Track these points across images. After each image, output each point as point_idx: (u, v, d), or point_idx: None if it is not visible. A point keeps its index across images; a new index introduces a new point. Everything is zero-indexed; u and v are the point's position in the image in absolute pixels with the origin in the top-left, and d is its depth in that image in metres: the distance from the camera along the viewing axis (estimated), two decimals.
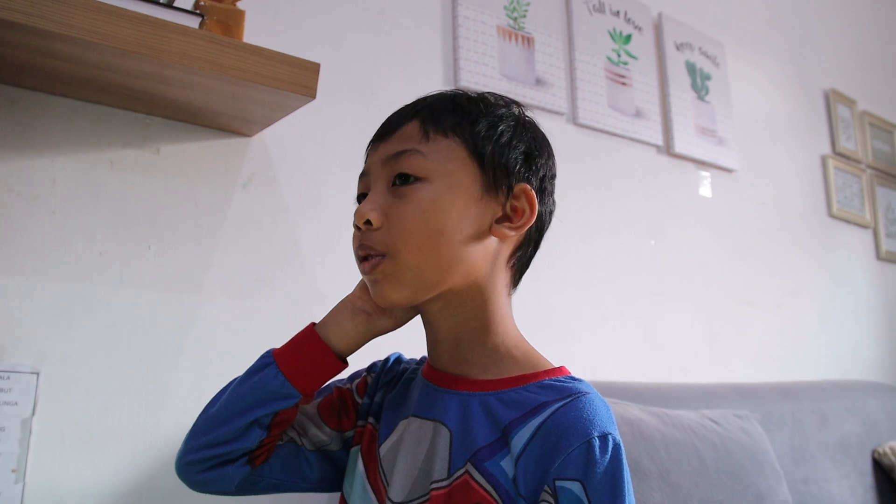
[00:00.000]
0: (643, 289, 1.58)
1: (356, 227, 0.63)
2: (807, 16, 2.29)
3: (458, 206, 0.61)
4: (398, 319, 0.68)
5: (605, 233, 1.52)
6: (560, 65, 1.49)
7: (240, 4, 0.94)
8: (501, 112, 0.66)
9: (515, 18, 1.44)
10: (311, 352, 0.65)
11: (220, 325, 1.00)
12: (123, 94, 0.91)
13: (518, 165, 0.64)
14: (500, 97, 0.68)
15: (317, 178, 1.12)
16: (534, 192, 0.64)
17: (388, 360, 0.75)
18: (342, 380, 0.74)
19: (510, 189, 0.64)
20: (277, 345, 0.68)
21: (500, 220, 0.63)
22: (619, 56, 1.63)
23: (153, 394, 0.93)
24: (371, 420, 0.70)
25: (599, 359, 1.46)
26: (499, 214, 0.63)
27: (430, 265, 0.61)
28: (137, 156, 0.97)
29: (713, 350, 1.70)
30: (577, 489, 0.54)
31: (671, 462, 1.09)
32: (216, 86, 0.87)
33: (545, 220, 0.68)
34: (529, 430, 0.57)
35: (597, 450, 0.54)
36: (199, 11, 0.88)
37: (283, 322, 1.04)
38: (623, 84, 1.62)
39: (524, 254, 0.68)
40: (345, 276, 0.73)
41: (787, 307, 1.94)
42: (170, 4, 0.85)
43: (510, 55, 1.41)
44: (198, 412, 0.69)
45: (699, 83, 1.80)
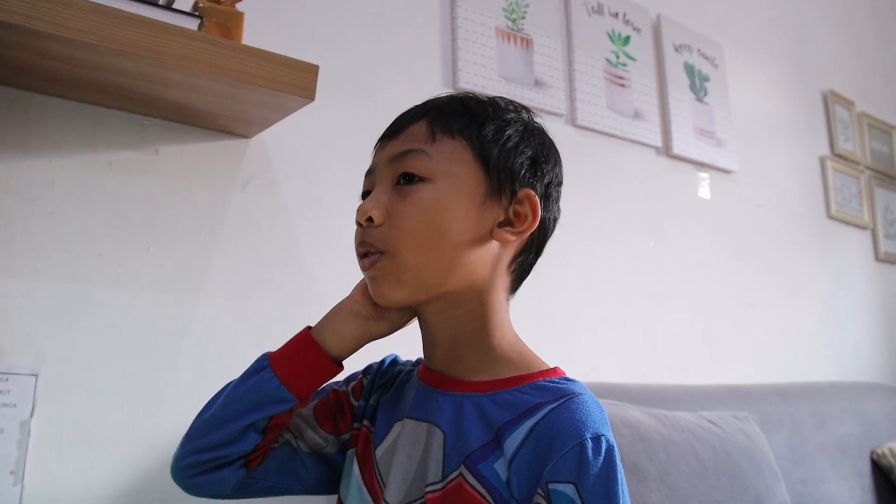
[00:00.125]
0: (643, 290, 1.58)
1: (358, 224, 0.63)
2: (805, 17, 2.29)
3: (461, 208, 0.61)
4: (394, 324, 0.68)
5: (605, 234, 1.53)
6: (559, 66, 1.50)
7: (239, 6, 0.94)
8: (510, 117, 0.66)
9: (514, 20, 1.44)
10: (307, 355, 0.65)
11: (219, 327, 1.00)
12: (122, 96, 0.91)
13: (523, 170, 0.64)
14: (510, 102, 0.68)
15: (316, 180, 1.12)
16: (537, 198, 0.64)
17: (384, 362, 0.75)
18: (338, 382, 0.74)
19: (514, 194, 0.63)
20: (276, 346, 0.68)
21: (503, 225, 0.63)
22: (618, 57, 1.63)
23: (152, 395, 0.93)
24: (366, 422, 0.70)
25: (599, 359, 1.46)
26: (501, 218, 0.63)
27: (430, 266, 0.61)
28: (136, 157, 0.97)
29: (713, 351, 1.70)
30: (571, 491, 0.53)
31: (670, 463, 1.09)
32: (215, 87, 0.87)
33: (548, 227, 0.68)
34: (522, 433, 0.57)
35: (590, 451, 0.54)
36: (198, 13, 0.88)
37: (282, 323, 1.04)
38: (622, 85, 1.62)
39: (525, 259, 0.68)
40: (344, 277, 0.73)
41: (786, 308, 1.94)
42: (169, 6, 0.85)
43: (509, 57, 1.41)
44: (195, 414, 0.69)
45: (698, 84, 1.81)
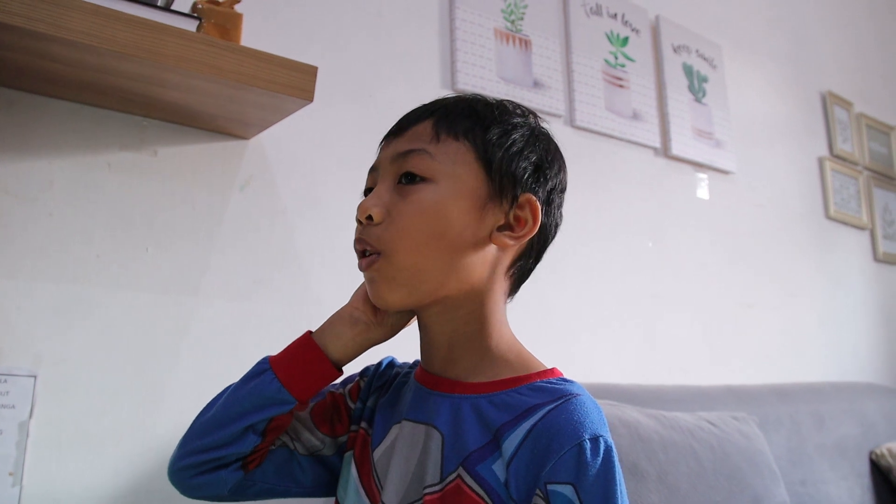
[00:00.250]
0: (642, 290, 1.58)
1: (358, 221, 0.63)
2: (804, 18, 2.30)
3: (460, 211, 0.61)
4: (393, 328, 0.68)
5: (604, 235, 1.53)
6: (557, 67, 1.50)
7: (238, 7, 0.94)
8: (517, 121, 0.66)
9: (513, 21, 1.44)
10: (308, 359, 0.65)
11: (218, 328, 1.00)
12: (121, 97, 0.91)
13: (526, 175, 0.64)
14: (518, 106, 0.68)
15: (314, 181, 1.12)
16: (539, 204, 0.63)
17: (381, 365, 0.75)
18: (335, 385, 0.74)
19: (515, 198, 0.63)
20: (275, 346, 0.68)
21: (502, 229, 0.63)
22: (617, 58, 1.63)
23: (151, 396, 0.94)
24: (364, 425, 0.70)
25: (599, 360, 1.46)
26: (501, 222, 0.63)
27: (427, 267, 0.61)
28: (135, 158, 0.97)
29: (712, 351, 1.70)
30: (569, 492, 0.53)
31: (669, 464, 1.09)
32: (213, 89, 0.87)
33: (549, 233, 0.67)
34: (520, 434, 0.57)
35: (588, 452, 0.54)
36: (197, 14, 0.88)
37: (281, 324, 1.04)
38: (620, 86, 1.62)
39: (525, 264, 0.67)
40: (343, 278, 0.73)
41: (785, 308, 1.94)
42: (167, 7, 0.85)
43: (507, 57, 1.41)
44: (195, 415, 0.69)
45: (696, 85, 1.81)
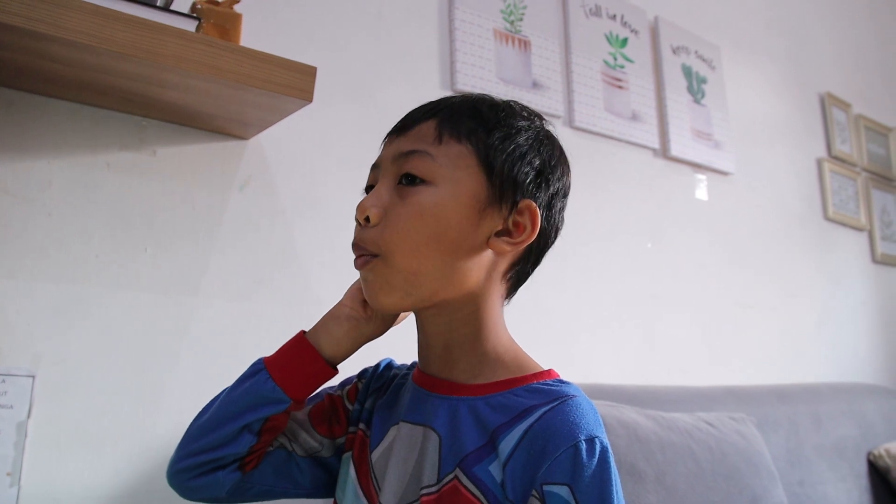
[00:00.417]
0: (641, 291, 1.58)
1: (357, 221, 0.63)
2: (802, 20, 2.30)
3: (459, 215, 0.61)
4: (386, 323, 0.68)
5: (603, 235, 1.53)
6: (556, 68, 1.50)
7: (237, 8, 0.94)
8: (521, 124, 0.65)
9: (512, 22, 1.44)
10: (301, 357, 0.65)
11: (218, 328, 1.00)
12: (120, 97, 0.91)
13: (527, 180, 0.63)
14: (525, 108, 0.67)
15: (314, 181, 1.12)
16: (538, 210, 0.63)
17: (379, 367, 0.75)
18: (333, 387, 0.75)
19: (515, 204, 0.62)
20: (275, 346, 0.68)
21: (500, 234, 0.62)
22: (616, 59, 1.63)
23: (150, 396, 0.93)
24: (362, 426, 0.70)
25: (598, 361, 1.46)
26: (499, 228, 0.62)
27: (423, 271, 0.60)
28: (134, 158, 0.97)
29: (711, 352, 1.70)
30: (566, 493, 0.54)
31: (667, 464, 1.09)
32: (213, 89, 0.87)
33: (549, 237, 0.67)
34: (516, 435, 0.57)
35: (584, 453, 0.54)
36: (196, 15, 0.88)
37: (281, 324, 1.04)
38: (619, 87, 1.62)
39: (522, 269, 0.67)
40: (343, 278, 0.73)
41: (784, 309, 1.94)
42: (166, 8, 0.85)
43: (507, 58, 1.41)
44: (194, 415, 0.69)
45: (695, 86, 1.81)
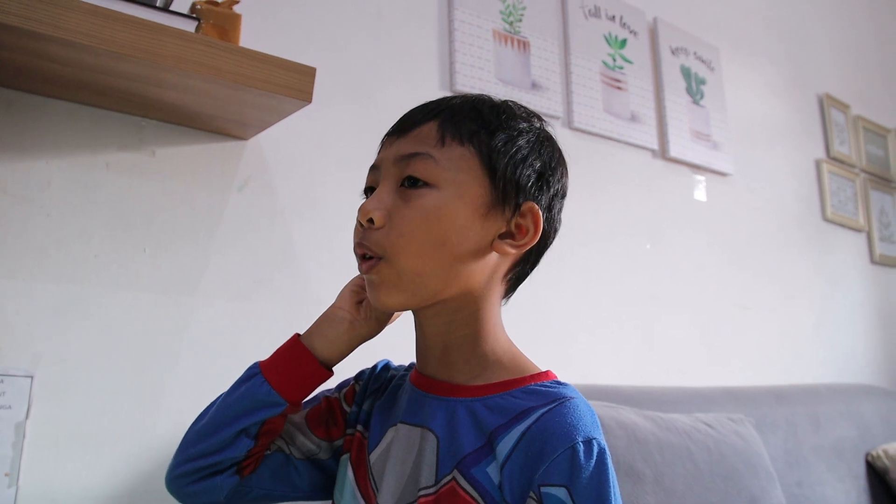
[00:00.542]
0: (640, 292, 1.58)
1: (359, 223, 0.62)
2: (801, 21, 2.30)
3: (463, 218, 0.61)
4: (380, 323, 0.68)
5: (601, 236, 1.53)
6: (555, 69, 1.50)
7: (236, 8, 0.94)
8: (522, 126, 0.65)
9: (511, 23, 1.44)
10: (296, 360, 0.66)
11: (217, 328, 1.00)
12: (119, 97, 0.91)
13: (529, 183, 0.63)
14: (523, 109, 0.67)
15: (313, 181, 1.12)
16: (541, 212, 0.63)
17: (376, 368, 0.75)
18: (330, 389, 0.75)
19: (518, 206, 0.63)
20: (274, 346, 0.68)
21: (503, 237, 0.63)
22: (615, 60, 1.63)
23: (149, 397, 0.93)
24: (360, 428, 0.70)
25: (596, 362, 1.46)
26: (503, 230, 0.63)
27: (428, 273, 0.60)
28: (133, 158, 0.97)
29: (710, 353, 1.70)
30: (563, 495, 0.54)
31: (665, 465, 1.09)
32: (212, 89, 0.87)
33: (549, 239, 0.67)
34: (514, 437, 0.57)
35: (581, 455, 0.55)
36: (196, 15, 0.88)
37: (280, 324, 1.04)
38: (618, 88, 1.62)
39: (522, 270, 0.67)
40: (342, 278, 0.73)
41: (782, 310, 1.94)
42: (166, 8, 0.85)
43: (506, 59, 1.42)
44: (194, 415, 0.69)
45: (694, 87, 1.81)
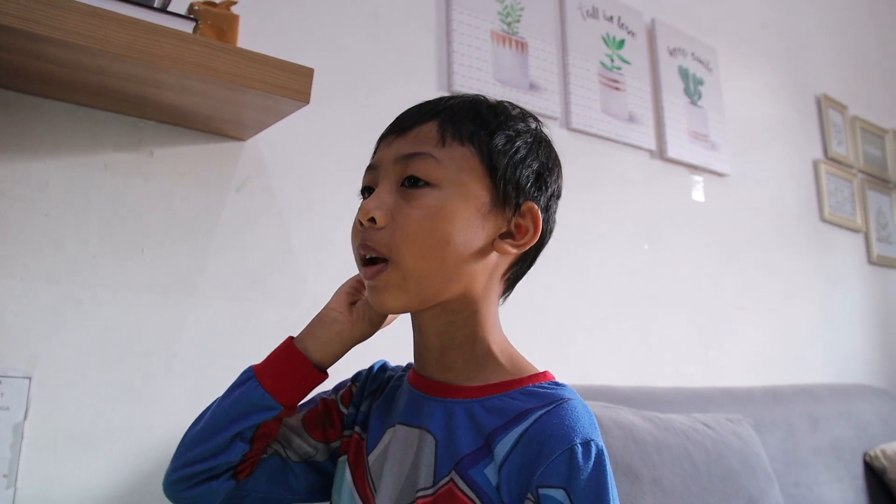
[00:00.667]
0: (637, 292, 1.58)
1: (359, 223, 0.62)
2: (799, 22, 2.31)
3: (466, 218, 0.61)
4: (374, 323, 0.68)
5: (599, 237, 1.53)
6: (553, 69, 1.50)
7: (234, 9, 0.94)
8: (520, 127, 0.65)
9: (509, 23, 1.45)
10: (289, 363, 0.66)
11: (215, 328, 0.99)
12: (117, 98, 0.91)
13: (529, 184, 0.64)
14: (519, 109, 0.68)
15: (311, 182, 1.12)
16: (540, 212, 0.64)
17: (373, 369, 0.75)
18: (327, 391, 0.74)
19: (518, 206, 0.63)
20: (272, 347, 0.68)
21: (504, 237, 0.63)
22: (613, 61, 1.63)
23: (147, 397, 0.93)
24: (357, 429, 0.70)
25: (594, 362, 1.46)
26: (503, 230, 0.63)
27: (432, 273, 0.60)
28: (131, 159, 0.97)
29: (708, 353, 1.70)
30: (561, 496, 0.54)
31: (663, 466, 1.09)
32: (210, 90, 0.87)
33: (546, 239, 0.68)
34: (512, 438, 0.57)
35: (579, 456, 0.55)
36: (193, 16, 0.88)
37: (278, 325, 1.04)
38: (616, 89, 1.62)
39: (520, 269, 0.68)
40: (340, 279, 0.73)
41: (780, 311, 1.95)
42: (163, 9, 0.85)
43: (504, 60, 1.42)
44: (192, 415, 0.69)
45: (692, 88, 1.81)
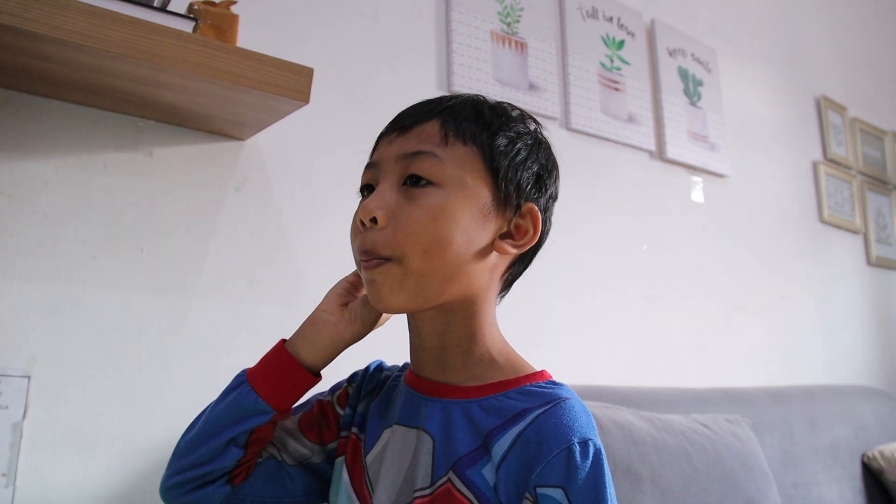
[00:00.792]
0: (637, 293, 1.58)
1: (360, 223, 0.62)
2: (798, 23, 2.31)
3: (468, 218, 0.61)
4: (366, 323, 0.67)
5: (598, 237, 1.53)
6: (553, 70, 1.50)
7: (234, 9, 0.94)
8: (521, 128, 0.66)
9: (509, 24, 1.45)
10: (281, 367, 0.65)
11: (213, 328, 0.99)
12: (116, 98, 0.91)
13: (529, 185, 0.65)
14: (518, 110, 0.68)
15: (310, 182, 1.12)
16: (539, 213, 0.64)
17: (369, 369, 0.75)
18: (322, 393, 0.74)
19: (518, 207, 0.64)
20: (269, 347, 0.68)
21: (504, 237, 0.64)
22: (612, 62, 1.64)
23: (145, 397, 0.93)
24: (355, 430, 0.70)
25: (593, 362, 1.46)
26: (503, 230, 0.63)
27: (434, 273, 0.60)
28: (130, 159, 0.97)
29: (705, 354, 1.70)
30: (559, 495, 0.54)
31: (662, 466, 1.10)
32: (209, 90, 0.87)
33: (543, 239, 0.68)
34: (510, 438, 0.57)
35: (577, 456, 0.55)
36: (193, 15, 0.88)
37: (276, 325, 1.04)
38: (616, 89, 1.62)
39: (518, 270, 0.68)
40: (338, 279, 0.73)
41: (779, 312, 1.95)
42: (163, 8, 0.85)
43: (504, 60, 1.42)
44: (190, 415, 0.69)
45: (691, 89, 1.81)
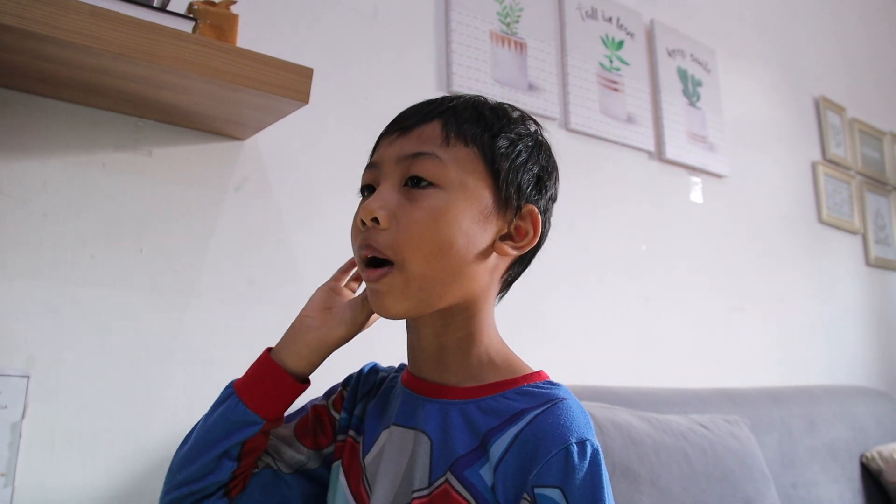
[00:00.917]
0: (635, 293, 1.58)
1: (361, 223, 0.61)
2: (798, 24, 2.31)
3: (469, 219, 0.61)
4: (349, 325, 0.67)
5: (597, 237, 1.53)
6: (552, 70, 1.50)
7: (234, 9, 0.94)
8: (521, 130, 0.66)
9: (508, 24, 1.45)
10: (268, 376, 0.65)
11: (212, 329, 0.99)
12: (116, 97, 0.91)
13: (529, 187, 0.65)
14: (518, 111, 0.68)
15: (309, 182, 1.12)
16: (539, 215, 0.64)
17: (363, 371, 0.75)
18: (318, 398, 0.74)
19: (518, 209, 0.64)
20: (268, 347, 0.68)
21: (504, 238, 0.64)
22: (612, 62, 1.64)
23: (144, 397, 0.93)
24: (351, 433, 0.70)
25: (592, 363, 1.46)
26: (504, 232, 0.64)
27: (436, 276, 0.60)
28: (130, 159, 0.97)
29: (704, 354, 1.71)
30: (557, 496, 0.54)
31: (661, 467, 1.10)
32: (209, 90, 0.87)
33: (542, 241, 0.68)
34: (507, 439, 0.57)
35: (575, 456, 0.55)
36: (193, 15, 0.88)
37: (275, 325, 1.02)
38: (615, 90, 1.63)
39: (517, 271, 0.69)
40: None
41: (778, 312, 1.95)
42: (163, 8, 0.85)
43: (503, 60, 1.42)
44: (189, 415, 0.69)
45: (691, 89, 1.82)
